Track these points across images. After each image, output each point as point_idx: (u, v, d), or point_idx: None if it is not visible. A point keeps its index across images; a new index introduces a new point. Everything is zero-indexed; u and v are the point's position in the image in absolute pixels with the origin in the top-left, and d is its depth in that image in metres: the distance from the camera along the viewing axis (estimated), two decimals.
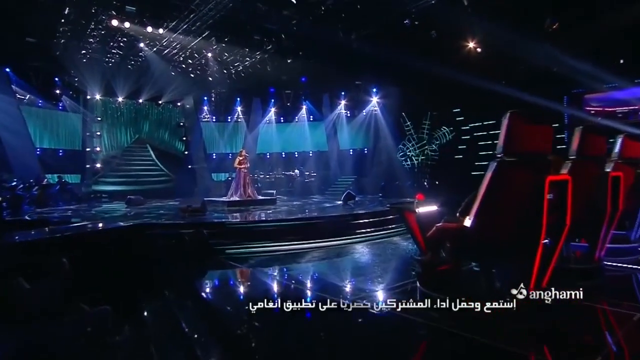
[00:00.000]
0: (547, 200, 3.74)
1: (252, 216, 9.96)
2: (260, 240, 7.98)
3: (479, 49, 14.53)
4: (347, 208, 11.13)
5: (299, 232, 8.11)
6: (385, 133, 18.69)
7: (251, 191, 13.21)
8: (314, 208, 11.82)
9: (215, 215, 9.80)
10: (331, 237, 8.13)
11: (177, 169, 19.83)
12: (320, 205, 12.50)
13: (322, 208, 11.68)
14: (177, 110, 21.16)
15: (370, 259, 7.09)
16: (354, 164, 19.81)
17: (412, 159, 17.64)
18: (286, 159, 21.48)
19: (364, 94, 19.75)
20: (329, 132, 20.98)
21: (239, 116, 22.05)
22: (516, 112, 3.87)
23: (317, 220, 9.13)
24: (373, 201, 13.17)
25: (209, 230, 7.77)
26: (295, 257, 7.17)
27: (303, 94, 21.21)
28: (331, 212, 10.34)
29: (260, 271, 6.41)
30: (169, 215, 9.86)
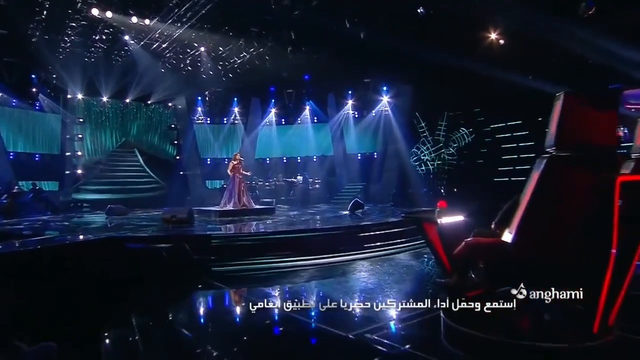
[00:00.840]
0: (617, 207, 2.95)
1: (245, 228, 9.68)
2: (252, 256, 7.52)
3: (502, 41, 13.83)
4: (354, 219, 10.85)
5: (298, 246, 7.73)
6: (396, 135, 18.30)
7: (246, 200, 12.94)
8: (317, 218, 11.54)
9: (203, 227, 9.47)
10: (335, 253, 7.76)
11: (167, 176, 19.46)
12: (324, 216, 12.24)
13: (326, 219, 11.41)
14: (167, 112, 20.88)
15: (380, 280, 6.42)
16: (362, 170, 19.46)
17: (427, 164, 17.25)
18: (287, 165, 21.16)
19: (373, 93, 19.38)
20: (335, 135, 20.54)
21: (235, 118, 21.74)
22: (572, 94, 3.14)
23: (320, 232, 8.81)
24: (383, 211, 12.86)
25: (192, 245, 7.25)
26: (292, 276, 6.73)
27: (306, 93, 20.84)
28: (336, 223, 10.04)
29: (250, 293, 5.97)
30: (152, 227, 9.53)
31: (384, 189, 17.66)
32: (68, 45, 15.38)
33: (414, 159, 17.62)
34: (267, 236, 8.24)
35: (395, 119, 18.57)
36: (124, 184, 18.60)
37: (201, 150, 21.22)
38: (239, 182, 12.85)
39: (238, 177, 12.82)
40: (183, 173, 20.06)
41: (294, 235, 8.44)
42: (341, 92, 20.29)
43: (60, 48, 15.46)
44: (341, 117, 20.51)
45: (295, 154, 21.34)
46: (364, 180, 19.07)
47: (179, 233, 8.50)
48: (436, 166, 16.97)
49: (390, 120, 18.84)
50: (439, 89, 15.42)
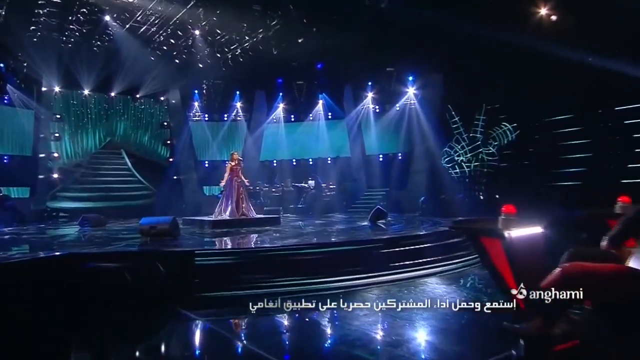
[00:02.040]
0: None
1: (242, 242, 9.26)
2: (243, 280, 6.75)
3: (554, 16, 13.02)
4: (375, 230, 10.39)
5: (305, 266, 7.15)
6: (425, 133, 17.87)
7: (246, 208, 12.51)
8: (331, 230, 11.19)
9: (189, 241, 9.09)
10: (353, 274, 7.09)
11: (159, 181, 19.30)
12: (339, 227, 11.88)
13: (341, 230, 11.00)
14: (159, 107, 20.57)
15: (419, 319, 5.30)
16: (384, 174, 19.08)
17: (462, 166, 16.80)
18: (297, 168, 20.80)
19: (397, 84, 19.01)
20: (352, 133, 20.23)
21: (237, 114, 21.36)
22: None
23: (334, 247, 8.13)
24: (411, 222, 12.44)
25: (170, 263, 6.68)
26: None
27: (319, 84, 20.43)
28: (352, 236, 9.66)
29: (239, 334, 5.31)
30: (128, 240, 9.14)
31: (411, 195, 17.34)
32: (40, 27, 14.86)
33: (446, 160, 17.19)
34: (265, 252, 7.67)
35: (424, 113, 18.16)
36: (108, 191, 18.38)
37: (198, 151, 20.93)
38: (237, 187, 12.38)
39: (236, 181, 12.36)
40: (177, 178, 19.85)
41: (300, 251, 7.80)
42: (360, 83, 19.94)
43: (31, 30, 14.89)
44: (360, 113, 20.22)
45: (306, 156, 21.11)
46: (387, 185, 18.79)
47: (156, 249, 7.96)
48: (473, 168, 16.54)
49: (418, 115, 18.43)
50: (476, 77, 14.95)
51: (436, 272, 7.85)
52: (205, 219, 12.27)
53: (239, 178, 12.38)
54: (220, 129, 21.21)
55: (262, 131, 21.25)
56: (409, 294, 6.44)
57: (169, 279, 6.50)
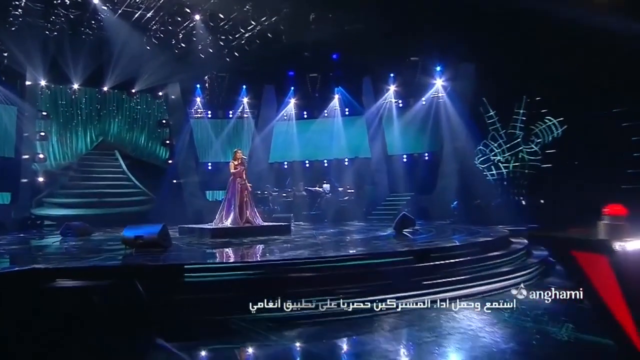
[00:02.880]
0: None
1: (244, 253, 9.02)
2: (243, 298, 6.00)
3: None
4: (402, 241, 10.13)
5: (318, 283, 6.58)
6: (455, 130, 17.72)
7: (251, 214, 12.09)
8: (349, 240, 11.04)
9: (183, 253, 8.78)
10: (377, 294, 6.36)
11: (157, 185, 19.21)
12: (359, 236, 11.81)
13: (362, 240, 10.77)
14: (157, 103, 20.38)
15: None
16: (408, 176, 18.86)
17: (499, 167, 16.55)
18: (310, 170, 20.77)
19: (423, 75, 18.80)
20: (373, 131, 20.10)
21: (244, 110, 21.27)
22: None
23: (352, 261, 7.54)
24: (442, 230, 12.10)
25: (154, 281, 6.14)
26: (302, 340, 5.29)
27: (335, 77, 20.38)
28: (374, 247, 9.36)
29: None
30: (110, 253, 8.70)
31: (439, 201, 17.42)
32: (21, 12, 14.75)
33: (481, 160, 16.97)
34: (271, 266, 7.09)
35: (454, 107, 17.91)
36: (100, 196, 18.26)
37: (200, 152, 20.88)
38: (240, 190, 11.92)
39: (240, 184, 11.91)
40: (177, 181, 19.70)
41: (311, 265, 7.18)
42: (380, 74, 19.74)
43: (11, 16, 14.74)
44: (380, 108, 20.06)
45: (321, 157, 21.00)
46: (413, 189, 18.60)
47: (138, 263, 7.48)
48: (512, 169, 16.31)
49: (447, 109, 18.23)
50: (515, 64, 14.82)
51: (478, 292, 7.11)
52: (204, 227, 12.07)
53: (243, 180, 11.95)
54: (225, 127, 21.15)
55: (271, 129, 21.22)
56: (446, 322, 5.63)
57: (149, 300, 5.73)
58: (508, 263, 8.29)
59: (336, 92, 20.77)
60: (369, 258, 7.67)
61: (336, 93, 20.78)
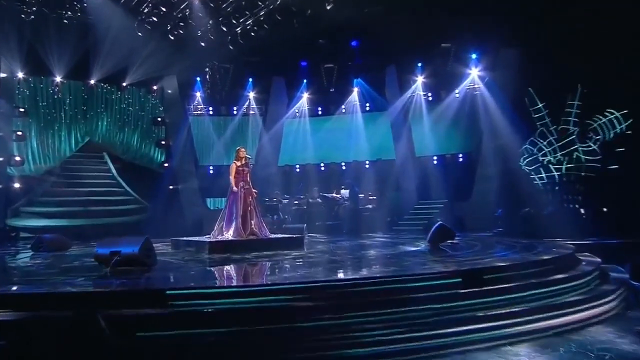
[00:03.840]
0: None
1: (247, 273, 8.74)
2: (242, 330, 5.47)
3: None
4: (442, 257, 9.68)
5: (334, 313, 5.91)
6: (496, 126, 17.28)
7: (257, 224, 11.71)
8: (373, 257, 10.70)
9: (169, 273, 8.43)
10: (414, 330, 5.85)
11: (151, 192, 18.99)
12: (386, 252, 11.39)
13: (391, 257, 10.22)
14: (151, 99, 20.09)
15: None
16: (441, 181, 18.47)
17: (550, 169, 16.21)
18: (326, 174, 20.57)
19: (457, 64, 18.60)
20: (398, 129, 19.76)
21: (250, 106, 21.05)
22: None
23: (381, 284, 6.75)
24: (488, 245, 11.56)
25: (124, 313, 5.44)
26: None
27: (354, 67, 20.19)
28: (409, 265, 8.72)
29: None
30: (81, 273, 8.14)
31: (477, 208, 17.15)
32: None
33: (527, 161, 16.56)
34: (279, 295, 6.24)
35: (494, 100, 17.51)
36: (87, 205, 18.00)
37: (200, 154, 20.78)
38: (244, 196, 11.50)
39: (244, 188, 11.51)
40: (174, 187, 19.56)
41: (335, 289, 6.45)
42: (407, 64, 19.45)
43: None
44: (407, 102, 19.72)
45: (338, 159, 20.87)
46: (446, 196, 18.26)
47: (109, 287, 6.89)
48: (565, 171, 15.96)
49: (485, 103, 17.82)
50: (568, 49, 14.55)
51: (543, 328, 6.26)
52: (200, 240, 11.77)
53: (247, 184, 11.55)
54: (228, 125, 21.01)
55: (281, 128, 21.08)
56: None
57: (114, 339, 4.96)
58: (576, 289, 7.38)
59: (355, 85, 20.56)
60: (403, 281, 6.81)
61: (355, 86, 20.56)
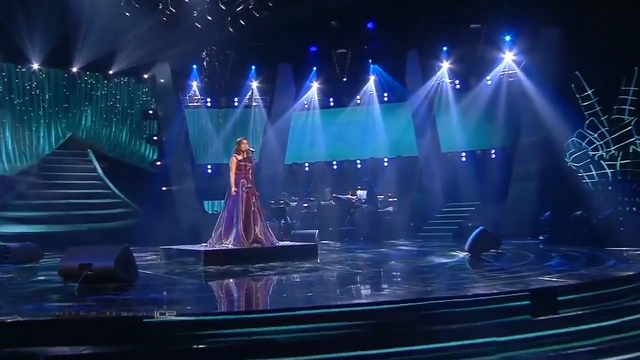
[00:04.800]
0: None
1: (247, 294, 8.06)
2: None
3: None
4: (489, 271, 9.22)
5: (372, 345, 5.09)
6: (535, 117, 16.76)
7: (261, 230, 11.23)
8: (404, 270, 10.17)
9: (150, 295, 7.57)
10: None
11: (142, 193, 18.79)
12: (417, 262, 11.04)
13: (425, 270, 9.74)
14: (142, 89, 20.03)
15: None
16: (472, 180, 18.16)
17: (602, 165, 15.63)
18: (339, 173, 20.46)
19: (488, 47, 18.22)
20: (421, 122, 19.42)
21: (253, 97, 20.95)
22: None
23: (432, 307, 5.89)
24: (542, 255, 11.16)
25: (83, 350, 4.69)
26: None
27: (370, 52, 19.96)
28: (453, 282, 8.01)
29: None
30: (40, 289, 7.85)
31: (515, 211, 16.57)
32: None
33: (574, 157, 16.01)
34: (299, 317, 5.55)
35: (533, 87, 16.99)
36: (69, 209, 17.65)
37: (197, 151, 20.70)
38: (246, 197, 11.03)
39: (246, 187, 11.06)
40: (167, 189, 19.33)
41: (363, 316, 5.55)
42: (430, 48, 19.13)
43: None
44: (431, 91, 19.37)
45: (353, 156, 20.68)
46: (478, 197, 17.89)
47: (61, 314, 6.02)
48: (619, 168, 15.43)
49: (522, 91, 17.36)
50: (620, 24, 14.09)
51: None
52: (195, 249, 11.30)
53: (250, 182, 11.07)
54: (229, 118, 20.87)
55: (288, 122, 20.94)
56: None
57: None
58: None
59: (372, 72, 20.21)
60: (455, 304, 5.82)
61: (372, 73, 20.21)
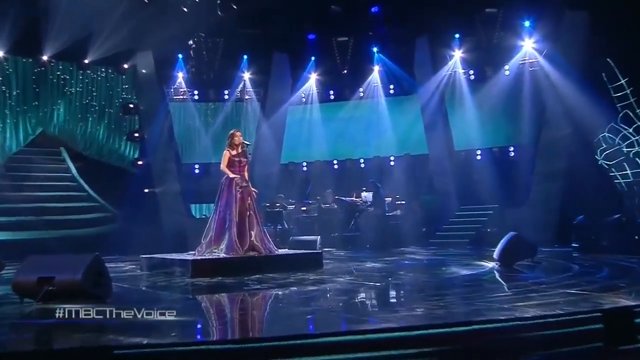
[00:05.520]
0: None
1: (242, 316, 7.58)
2: None
3: None
4: (534, 286, 8.35)
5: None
6: (560, 110, 16.50)
7: (258, 236, 10.76)
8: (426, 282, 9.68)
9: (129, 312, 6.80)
10: None
11: (121, 196, 18.34)
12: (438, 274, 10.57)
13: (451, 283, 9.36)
14: (121, 80, 19.64)
15: None
16: (489, 181, 17.73)
17: (638, 163, 15.52)
18: (341, 173, 20.34)
19: (505, 33, 18.17)
20: (431, 116, 19.23)
21: (245, 89, 20.68)
22: None
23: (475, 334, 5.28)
24: (591, 267, 10.58)
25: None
26: None
27: (375, 39, 19.92)
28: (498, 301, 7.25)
29: None
30: None
31: (538, 215, 16.15)
32: None
33: (606, 155, 15.85)
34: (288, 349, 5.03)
35: (558, 77, 16.70)
36: (39, 213, 17.33)
37: (183, 149, 20.37)
38: (241, 198, 10.58)
39: (240, 186, 10.59)
40: (150, 191, 19.01)
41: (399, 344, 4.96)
42: (441, 34, 19.06)
43: None
44: (442, 83, 19.25)
45: (356, 154, 20.60)
46: (497, 200, 17.49)
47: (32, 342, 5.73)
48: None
49: (545, 81, 17.10)
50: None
51: None
52: (181, 258, 10.77)
53: (245, 181, 10.55)
54: (218, 113, 20.62)
55: (283, 117, 20.69)
56: None
57: None
58: None
59: (377, 62, 20.03)
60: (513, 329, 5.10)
61: (376, 63, 20.02)
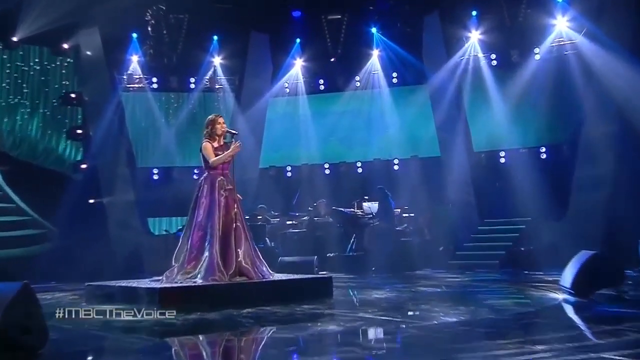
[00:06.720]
0: None
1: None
2: None
3: None
4: None
5: None
6: (606, 102, 16.01)
7: (248, 255, 9.78)
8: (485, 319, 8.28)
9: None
10: None
11: (59, 208, 17.45)
12: (495, 306, 9.53)
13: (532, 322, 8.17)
14: (60, 63, 18.90)
15: None
16: (517, 188, 17.08)
17: None
18: (337, 179, 19.66)
19: (533, 10, 17.68)
20: (444, 111, 18.65)
21: (216, 77, 20.18)
22: None
23: None
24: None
25: None
26: None
27: (374, 16, 19.47)
28: None
29: None
30: None
31: (581, 230, 15.34)
32: None
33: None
34: None
35: (602, 61, 16.16)
36: None
37: (138, 149, 19.77)
38: (226, 204, 9.69)
39: (224, 189, 9.72)
40: (95, 201, 18.42)
41: None
42: (456, 11, 18.77)
43: None
44: (458, 70, 18.73)
45: (352, 157, 20.12)
46: (525, 211, 16.91)
47: None
48: None
49: (585, 66, 16.52)
50: None
51: None
52: (145, 285, 9.62)
53: (229, 182, 9.68)
54: (182, 106, 20.07)
55: (263, 111, 20.21)
56: None
57: None
58: None
59: (376, 45, 19.44)
60: None
61: (376, 46, 19.44)
